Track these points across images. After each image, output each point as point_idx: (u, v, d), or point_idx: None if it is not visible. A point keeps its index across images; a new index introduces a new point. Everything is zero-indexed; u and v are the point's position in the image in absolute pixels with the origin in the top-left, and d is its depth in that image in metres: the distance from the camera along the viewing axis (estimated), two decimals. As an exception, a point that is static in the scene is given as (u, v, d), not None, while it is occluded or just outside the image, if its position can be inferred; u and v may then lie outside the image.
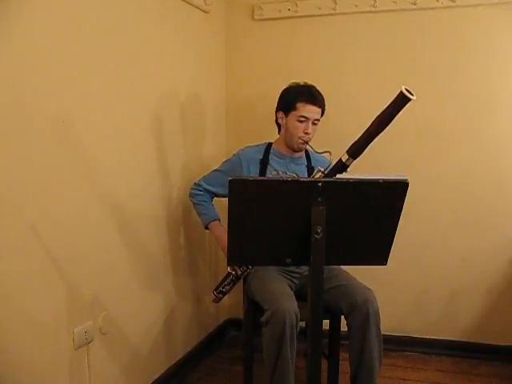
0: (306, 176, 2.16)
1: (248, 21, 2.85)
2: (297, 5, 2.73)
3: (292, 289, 2.03)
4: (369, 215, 1.39)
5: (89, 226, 1.79)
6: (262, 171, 2.16)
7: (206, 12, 2.62)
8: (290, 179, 1.45)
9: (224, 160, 2.35)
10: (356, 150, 1.61)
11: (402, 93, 1.45)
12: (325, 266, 1.36)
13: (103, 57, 1.84)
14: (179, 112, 2.42)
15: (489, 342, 2.66)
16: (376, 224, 1.40)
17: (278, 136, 2.24)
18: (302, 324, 1.83)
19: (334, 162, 1.73)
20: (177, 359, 2.45)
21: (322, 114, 2.12)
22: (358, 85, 2.72)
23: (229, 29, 2.89)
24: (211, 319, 2.86)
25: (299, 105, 2.06)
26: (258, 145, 2.25)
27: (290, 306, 1.79)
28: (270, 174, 2.16)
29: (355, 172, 1.46)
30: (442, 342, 2.73)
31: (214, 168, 2.31)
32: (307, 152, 2.23)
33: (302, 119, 2.07)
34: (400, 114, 1.51)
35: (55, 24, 1.61)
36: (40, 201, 1.57)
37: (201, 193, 2.27)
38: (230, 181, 1.30)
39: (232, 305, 2.96)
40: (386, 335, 2.00)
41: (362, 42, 2.70)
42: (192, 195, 2.30)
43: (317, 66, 2.75)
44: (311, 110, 2.06)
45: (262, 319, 1.83)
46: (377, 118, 1.55)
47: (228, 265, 2.06)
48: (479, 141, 2.60)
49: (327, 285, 1.80)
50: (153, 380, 2.23)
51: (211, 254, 2.81)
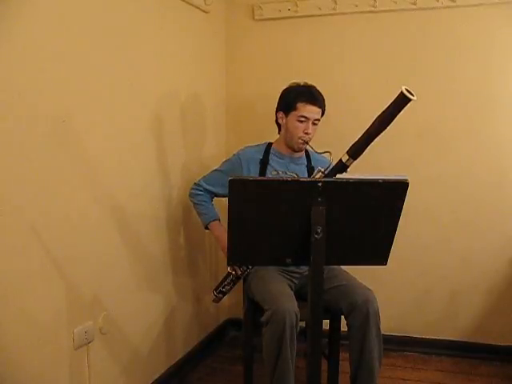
0: (306, 176, 2.16)
1: (248, 21, 2.85)
2: (297, 5, 2.73)
3: (292, 289, 2.03)
4: (369, 215, 1.39)
5: (89, 226, 1.79)
6: (262, 171, 2.16)
7: (206, 12, 2.62)
8: (289, 179, 1.45)
9: (224, 160, 2.35)
10: (356, 151, 1.61)
11: (402, 93, 1.45)
12: (325, 266, 1.36)
13: (103, 57, 1.84)
14: (179, 112, 2.42)
15: (489, 342, 2.66)
16: (376, 224, 1.40)
17: (278, 136, 2.24)
18: (302, 324, 1.83)
19: (334, 162, 1.73)
20: (177, 359, 2.45)
21: (323, 114, 2.12)
22: (358, 85, 2.72)
23: (229, 29, 2.89)
24: (211, 319, 2.86)
25: (299, 105, 2.06)
26: (258, 145, 2.25)
27: (290, 306, 1.79)
28: (270, 174, 2.16)
29: (355, 172, 1.46)
30: (441, 341, 2.73)
31: (214, 168, 2.31)
32: (307, 152, 2.23)
33: (302, 119, 2.07)
34: (400, 114, 1.51)
35: (55, 24, 1.61)
36: (40, 201, 1.57)
37: (201, 193, 2.27)
38: (230, 181, 1.30)
39: (232, 305, 2.96)
40: (386, 335, 2.00)
41: (362, 42, 2.70)
42: (192, 195, 2.30)
43: (317, 66, 2.75)
44: (311, 110, 2.06)
45: (262, 319, 1.83)
46: (377, 119, 1.55)
47: (228, 265, 2.06)
48: (479, 141, 2.60)
49: (327, 285, 1.81)
50: (153, 380, 2.24)
51: (211, 254, 2.81)
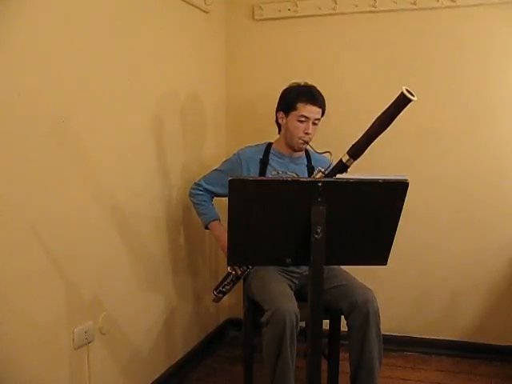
0: (306, 176, 2.15)
1: (248, 21, 2.85)
2: (297, 5, 2.73)
3: (292, 289, 2.03)
4: (369, 215, 1.39)
5: (89, 226, 1.79)
6: (262, 171, 2.16)
7: (206, 12, 2.62)
8: (290, 179, 1.45)
9: (224, 160, 2.35)
10: (357, 151, 1.61)
11: (402, 93, 1.44)
12: (325, 266, 1.36)
13: (103, 57, 1.84)
14: (179, 112, 2.42)
15: (489, 342, 2.66)
16: (376, 224, 1.40)
17: (278, 136, 2.24)
18: (302, 324, 1.83)
19: (334, 162, 1.72)
20: (177, 359, 2.45)
21: (323, 114, 2.12)
22: (359, 85, 2.72)
23: (229, 29, 2.89)
24: (211, 319, 2.86)
25: (300, 105, 2.06)
26: (258, 145, 2.25)
27: (290, 306, 1.79)
28: (270, 174, 2.16)
29: (355, 172, 1.46)
30: (441, 341, 2.73)
31: (214, 168, 2.31)
32: (307, 152, 2.23)
33: (302, 119, 2.07)
34: (400, 114, 1.51)
35: (55, 24, 1.61)
36: (40, 201, 1.57)
37: (201, 193, 2.27)
38: (229, 181, 1.30)
39: (232, 305, 2.96)
40: (386, 335, 1.99)
41: (362, 42, 2.70)
42: (192, 195, 2.30)
43: (317, 66, 2.75)
44: (312, 110, 2.06)
45: (262, 319, 1.83)
46: (377, 119, 1.55)
47: (228, 265, 2.06)
48: (479, 141, 2.60)
49: (327, 285, 1.80)
50: (153, 380, 2.24)
51: (211, 254, 2.81)
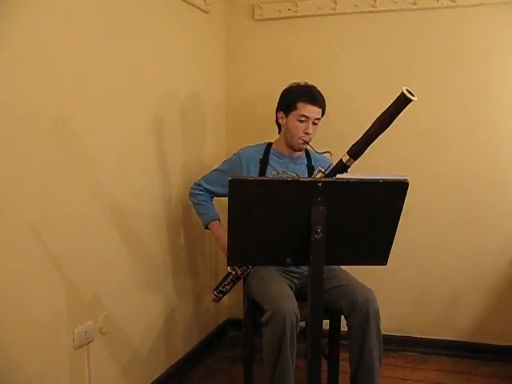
0: (307, 176, 2.15)
1: (248, 21, 2.85)
2: (297, 5, 2.73)
3: (292, 289, 2.03)
4: (369, 215, 1.39)
5: (89, 226, 1.79)
6: (262, 171, 2.16)
7: (206, 12, 2.62)
8: (290, 179, 1.45)
9: (224, 159, 2.35)
10: (357, 151, 1.61)
11: (403, 94, 1.44)
12: (325, 266, 1.36)
13: (103, 57, 1.84)
14: (179, 112, 2.42)
15: (489, 342, 2.66)
16: (376, 224, 1.40)
17: (278, 136, 2.24)
18: (302, 324, 1.83)
19: (334, 162, 1.72)
20: (177, 359, 2.45)
21: (323, 114, 2.12)
22: (359, 85, 2.72)
23: (229, 29, 2.89)
24: (211, 319, 2.86)
25: (300, 105, 2.06)
26: (258, 145, 2.25)
27: (290, 306, 1.79)
28: (270, 174, 2.16)
29: (355, 172, 1.46)
30: (441, 341, 2.73)
31: (214, 167, 2.31)
32: (307, 151, 2.23)
33: (302, 119, 2.07)
34: (400, 114, 1.51)
35: (55, 24, 1.61)
36: (40, 201, 1.57)
37: (201, 192, 2.27)
38: (229, 181, 1.30)
39: (232, 305, 2.96)
40: (386, 335, 1.99)
41: (362, 42, 2.70)
42: (192, 195, 2.30)
43: (317, 66, 2.75)
44: (312, 110, 2.06)
45: (262, 319, 1.83)
46: (378, 119, 1.55)
47: (228, 265, 2.06)
48: (479, 141, 2.60)
49: (327, 285, 1.80)
50: (153, 380, 2.23)
51: (211, 254, 2.81)
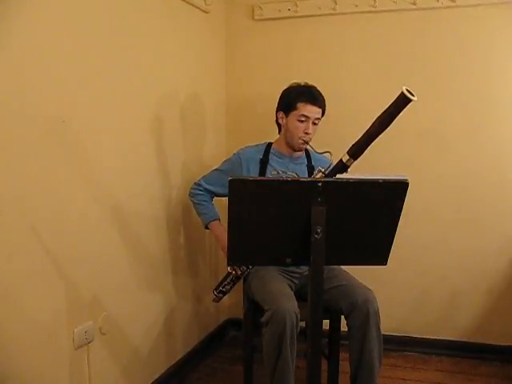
0: (307, 176, 2.16)
1: (248, 21, 2.85)
2: (297, 5, 2.73)
3: (292, 289, 2.03)
4: (369, 215, 1.39)
5: (89, 226, 1.79)
6: (262, 171, 2.16)
7: (206, 12, 2.62)
8: (290, 179, 1.45)
9: (224, 159, 2.35)
10: (357, 151, 1.61)
11: (402, 93, 1.44)
12: (325, 266, 1.36)
13: (103, 57, 1.84)
14: (179, 112, 2.42)
15: (489, 342, 2.66)
16: (376, 224, 1.40)
17: (278, 136, 2.24)
18: (302, 324, 1.83)
19: (334, 162, 1.72)
20: (177, 359, 2.45)
21: (323, 114, 2.12)
22: (359, 85, 2.72)
23: (229, 29, 2.89)
24: (211, 319, 2.86)
25: (300, 105, 2.06)
26: (258, 145, 2.25)
27: (290, 306, 1.79)
28: (270, 174, 2.16)
29: (355, 172, 1.46)
30: (441, 342, 2.73)
31: (214, 167, 2.31)
32: (307, 151, 2.23)
33: (302, 119, 2.07)
34: (400, 114, 1.51)
35: (55, 24, 1.61)
36: (40, 201, 1.57)
37: (201, 192, 2.27)
38: (229, 181, 1.30)
39: (232, 305, 2.96)
40: (386, 335, 1.99)
41: (362, 42, 2.70)
42: (192, 195, 2.30)
43: (317, 66, 2.75)
44: (312, 110, 2.06)
45: (263, 319, 1.83)
46: (377, 119, 1.55)
47: (228, 265, 2.06)
48: (479, 141, 2.60)
49: (327, 285, 1.81)
50: (153, 380, 2.23)
51: (211, 254, 2.81)
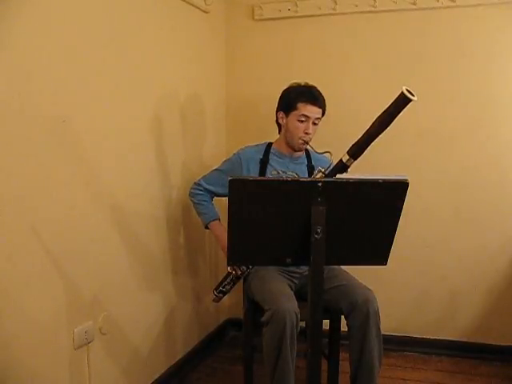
0: (307, 175, 2.16)
1: (248, 21, 2.85)
2: (297, 5, 2.73)
3: (292, 289, 2.02)
4: (369, 215, 1.39)
5: (89, 226, 1.79)
6: (262, 171, 2.16)
7: (206, 12, 2.62)
8: (290, 179, 1.45)
9: (224, 159, 2.35)
10: (357, 151, 1.60)
11: (402, 93, 1.44)
12: (325, 266, 1.36)
13: (103, 57, 1.84)
14: (179, 112, 2.42)
15: (489, 342, 2.66)
16: (376, 224, 1.40)
17: (279, 136, 2.24)
18: (302, 324, 1.83)
19: (334, 162, 1.72)
20: (177, 359, 2.45)
21: (323, 114, 2.12)
22: (359, 85, 2.72)
23: (229, 29, 2.89)
24: (211, 319, 2.86)
25: (300, 105, 2.06)
26: (258, 145, 2.25)
27: (290, 305, 1.79)
28: (270, 174, 2.16)
29: (355, 172, 1.46)
30: (442, 342, 2.73)
31: (214, 167, 2.31)
32: (307, 151, 2.23)
33: (302, 119, 2.07)
34: (400, 114, 1.51)
35: (55, 24, 1.61)
36: (40, 201, 1.57)
37: (201, 192, 2.27)
38: (229, 181, 1.30)
39: (232, 305, 2.96)
40: (386, 335, 1.99)
41: (362, 42, 2.70)
42: (192, 195, 2.30)
43: (317, 66, 2.75)
44: (312, 110, 2.06)
45: (263, 319, 1.83)
46: (377, 119, 1.55)
47: (228, 265, 2.06)
48: (479, 141, 2.60)
49: (327, 285, 1.81)
50: (153, 380, 2.23)
51: (211, 254, 2.81)
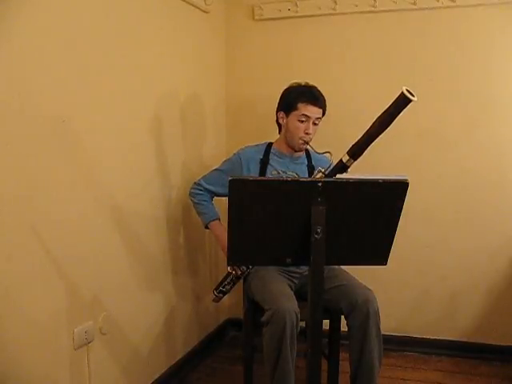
0: (307, 175, 2.15)
1: (248, 21, 2.85)
2: (297, 5, 2.73)
3: (292, 289, 2.02)
4: (369, 215, 1.38)
5: (89, 226, 1.79)
6: (262, 171, 2.16)
7: (206, 12, 2.62)
8: (290, 179, 1.45)
9: (224, 159, 2.35)
10: (357, 151, 1.60)
11: (402, 94, 1.44)
12: (325, 266, 1.36)
13: (103, 57, 1.84)
14: (179, 112, 2.42)
15: (489, 342, 2.66)
16: (376, 224, 1.40)
17: (279, 136, 2.24)
18: (302, 324, 1.83)
19: (334, 162, 1.72)
20: (177, 359, 2.45)
21: (323, 114, 2.12)
22: (359, 85, 2.72)
23: (229, 29, 2.89)
24: (211, 319, 2.86)
25: (300, 105, 2.06)
26: (258, 144, 2.25)
27: (290, 305, 1.79)
28: (270, 174, 2.16)
29: (355, 172, 1.46)
30: (442, 342, 2.73)
31: (214, 167, 2.31)
32: (307, 151, 2.23)
33: (303, 119, 2.07)
34: (400, 114, 1.51)
35: (55, 24, 1.61)
36: (40, 201, 1.57)
37: (201, 192, 2.27)
38: (230, 181, 1.30)
39: (232, 305, 2.96)
40: (386, 335, 2.00)
41: (362, 42, 2.70)
42: (192, 195, 2.30)
43: (317, 66, 2.75)
44: (312, 111, 2.06)
45: (263, 319, 1.83)
46: (377, 119, 1.54)
47: (228, 265, 2.06)
48: (479, 141, 2.60)
49: (327, 285, 1.80)
50: (153, 380, 2.24)
51: (211, 254, 2.81)
